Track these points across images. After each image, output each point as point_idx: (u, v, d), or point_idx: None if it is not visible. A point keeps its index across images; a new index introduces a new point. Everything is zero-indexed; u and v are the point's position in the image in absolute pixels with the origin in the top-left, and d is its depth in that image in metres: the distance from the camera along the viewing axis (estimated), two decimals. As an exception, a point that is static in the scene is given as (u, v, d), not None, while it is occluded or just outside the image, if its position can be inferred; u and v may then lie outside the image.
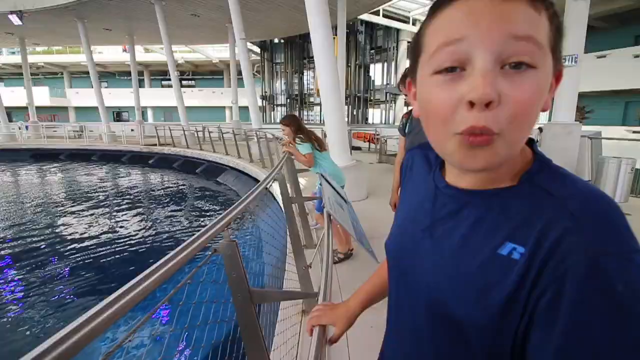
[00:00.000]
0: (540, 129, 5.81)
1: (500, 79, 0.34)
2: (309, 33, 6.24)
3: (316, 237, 3.65)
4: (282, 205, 3.00)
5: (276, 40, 22.78)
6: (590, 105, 12.68)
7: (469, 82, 0.35)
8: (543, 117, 8.42)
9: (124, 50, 27.88)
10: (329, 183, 2.15)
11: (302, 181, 5.45)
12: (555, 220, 0.35)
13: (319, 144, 3.16)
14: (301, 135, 3.12)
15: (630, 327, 0.31)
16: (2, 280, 4.98)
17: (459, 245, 0.42)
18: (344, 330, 0.72)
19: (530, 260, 0.35)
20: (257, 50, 24.06)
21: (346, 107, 17.83)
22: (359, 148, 13.64)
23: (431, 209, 0.48)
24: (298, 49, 22.09)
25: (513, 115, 0.35)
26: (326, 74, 5.34)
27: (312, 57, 5.96)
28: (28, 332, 3.78)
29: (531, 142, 0.43)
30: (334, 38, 10.89)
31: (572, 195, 0.37)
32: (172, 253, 0.82)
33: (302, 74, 22.61)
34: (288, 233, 2.46)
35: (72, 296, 4.56)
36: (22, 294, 4.63)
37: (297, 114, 23.49)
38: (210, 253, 1.05)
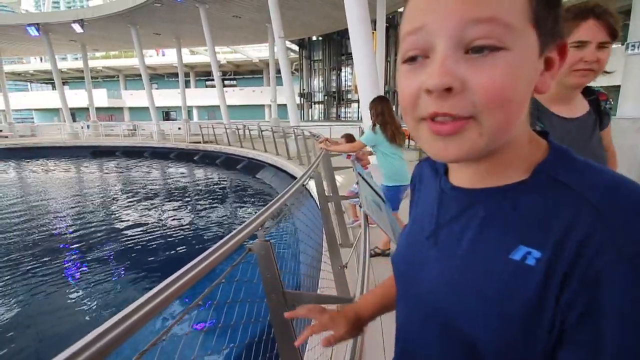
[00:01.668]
0: None
1: (462, 65, 0.32)
2: (347, 29, 6.16)
3: (353, 236, 3.60)
4: (318, 202, 2.99)
5: (314, 38, 22.88)
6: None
7: (428, 71, 0.34)
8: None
9: (158, 54, 29.63)
10: (367, 182, 2.09)
11: (339, 179, 5.41)
12: (576, 217, 0.31)
13: (393, 135, 2.89)
14: (378, 121, 2.88)
15: None
16: (66, 261, 5.55)
17: (466, 251, 0.38)
18: (348, 339, 0.62)
19: (549, 267, 0.31)
20: (296, 48, 24.34)
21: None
22: (398, 145, 13.29)
23: (436, 215, 0.44)
24: (336, 45, 22.02)
25: (482, 101, 0.32)
26: (364, 69, 5.23)
27: (350, 53, 5.89)
28: (87, 306, 4.14)
29: (545, 134, 0.39)
30: (373, 33, 10.67)
31: (594, 186, 0.32)
32: (205, 253, 0.82)
33: (340, 70, 22.53)
34: (324, 232, 2.44)
35: (120, 280, 4.98)
36: (80, 274, 5.10)
37: (334, 111, 23.46)
38: (245, 252, 1.05)
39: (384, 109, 2.87)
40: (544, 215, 0.33)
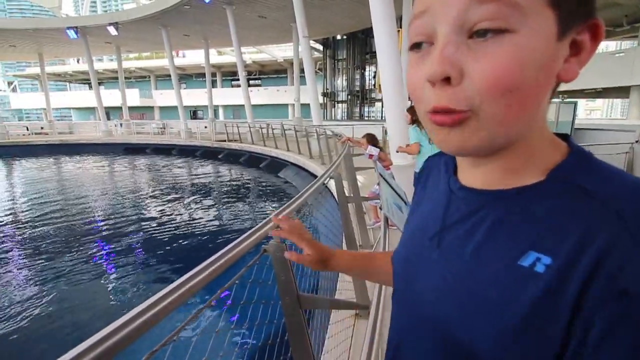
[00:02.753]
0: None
1: (463, 51, 0.30)
2: (372, 27, 6.07)
3: (373, 238, 3.54)
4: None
5: (338, 37, 22.80)
6: None
7: (430, 59, 0.32)
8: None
9: (177, 56, 30.45)
10: (388, 183, 2.04)
11: (360, 179, 5.35)
12: (596, 226, 0.28)
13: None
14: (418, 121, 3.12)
15: None
16: (100, 246, 5.87)
17: (471, 256, 0.35)
18: (308, 265, 0.64)
19: (561, 277, 0.28)
20: (320, 48, 24.35)
21: (410, 102, 17.15)
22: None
23: (442, 215, 0.41)
24: (360, 44, 21.84)
25: (483, 90, 0.30)
26: (388, 68, 5.14)
27: (375, 52, 5.80)
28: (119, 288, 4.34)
29: (566, 137, 0.36)
30: (399, 31, 10.47)
31: (618, 194, 0.29)
32: (219, 253, 0.81)
33: (364, 69, 22.33)
34: (343, 233, 2.41)
35: (143, 270, 5.24)
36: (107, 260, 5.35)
37: (357, 110, 23.31)
38: (260, 253, 1.03)
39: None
40: (559, 221, 0.30)
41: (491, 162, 0.36)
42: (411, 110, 3.37)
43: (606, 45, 22.38)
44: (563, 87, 0.35)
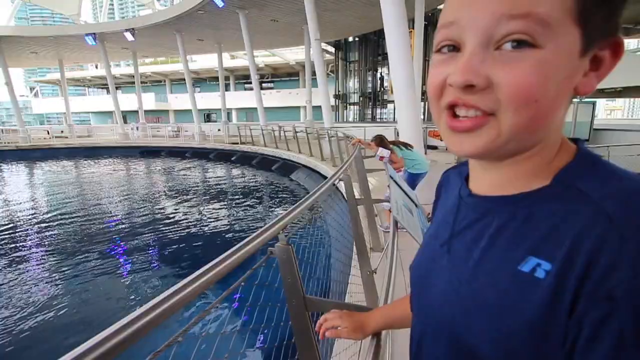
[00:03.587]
0: None
1: (489, 62, 0.31)
2: (383, 29, 6.04)
3: (384, 240, 3.50)
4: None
5: (350, 39, 22.78)
6: None
7: (456, 64, 0.33)
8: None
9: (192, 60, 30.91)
10: (399, 185, 2.01)
11: (372, 181, 5.31)
12: (589, 228, 0.29)
13: (404, 145, 3.88)
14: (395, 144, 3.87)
15: None
16: (114, 246, 6.02)
17: (476, 261, 0.36)
18: (349, 338, 0.70)
19: (559, 281, 0.29)
20: (332, 50, 24.38)
21: (422, 103, 16.98)
22: (435, 147, 12.88)
23: (452, 222, 0.43)
24: (372, 46, 21.77)
25: (506, 98, 0.31)
26: (400, 69, 5.10)
27: (387, 53, 5.77)
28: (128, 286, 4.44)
29: (576, 140, 0.37)
30: (411, 31, 10.39)
31: (613, 195, 0.30)
32: (224, 255, 0.81)
33: (376, 71, 22.23)
34: (353, 236, 2.39)
35: (159, 267, 5.37)
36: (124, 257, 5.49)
37: (369, 112, 23.24)
38: (266, 255, 1.03)
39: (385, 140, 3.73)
40: (557, 225, 0.31)
41: (502, 167, 0.37)
42: (377, 139, 3.68)
43: (627, 43, 21.67)
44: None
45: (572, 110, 6.63)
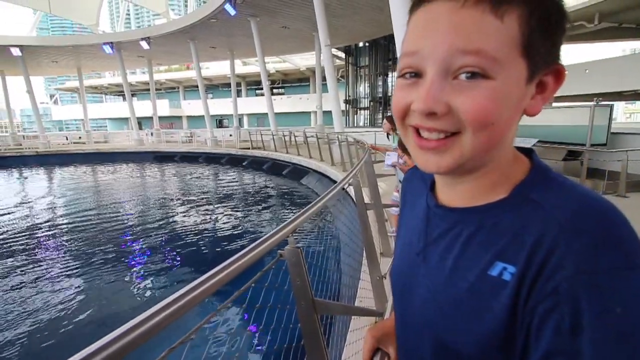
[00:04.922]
0: None
1: (448, 90, 0.34)
2: (393, 34, 6.05)
3: (394, 246, 3.48)
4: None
5: (360, 44, 22.84)
6: None
7: (418, 91, 0.36)
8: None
9: (188, 68, 31.45)
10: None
11: (382, 185, 5.30)
12: (544, 234, 0.33)
13: None
14: None
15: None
16: (128, 249, 6.14)
17: (450, 269, 0.40)
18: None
19: (520, 280, 0.33)
20: (342, 55, 24.48)
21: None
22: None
23: (424, 232, 0.46)
24: (382, 50, 21.77)
25: (467, 121, 0.34)
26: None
27: (397, 58, 5.76)
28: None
29: (529, 152, 0.41)
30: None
31: (563, 205, 0.34)
32: (234, 257, 0.83)
33: (387, 76, 22.19)
34: (363, 241, 2.39)
35: (171, 269, 5.45)
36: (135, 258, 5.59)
37: (379, 117, 23.18)
38: (276, 258, 1.05)
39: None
40: (518, 232, 0.35)
41: (465, 182, 0.40)
42: (390, 118, 3.37)
43: (646, 45, 21.04)
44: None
45: (589, 114, 6.47)
